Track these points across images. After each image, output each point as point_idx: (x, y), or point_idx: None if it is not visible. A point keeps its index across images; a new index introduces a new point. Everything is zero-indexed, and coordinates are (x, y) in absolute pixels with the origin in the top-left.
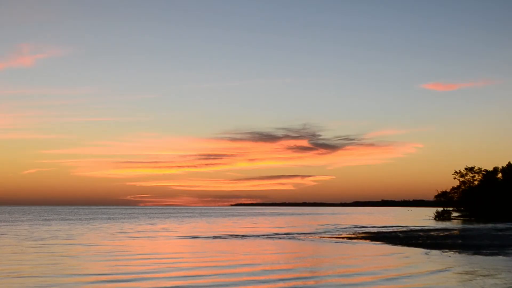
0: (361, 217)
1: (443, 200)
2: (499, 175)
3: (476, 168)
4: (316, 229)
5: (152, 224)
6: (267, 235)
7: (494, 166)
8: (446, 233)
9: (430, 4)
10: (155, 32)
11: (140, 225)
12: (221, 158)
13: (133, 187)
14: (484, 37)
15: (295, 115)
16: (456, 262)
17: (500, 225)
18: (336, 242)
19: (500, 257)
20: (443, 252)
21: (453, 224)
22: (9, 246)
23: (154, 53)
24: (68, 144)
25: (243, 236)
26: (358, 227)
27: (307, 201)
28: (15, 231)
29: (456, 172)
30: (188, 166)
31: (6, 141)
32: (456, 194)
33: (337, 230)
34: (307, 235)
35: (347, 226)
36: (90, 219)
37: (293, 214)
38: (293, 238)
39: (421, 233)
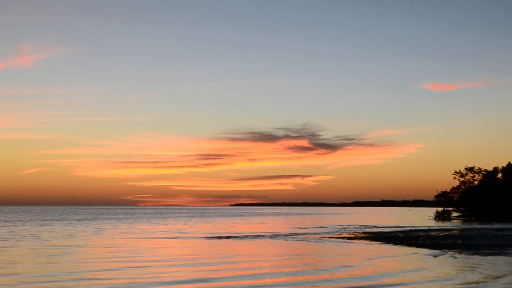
0: (364, 217)
1: (443, 200)
2: (499, 175)
3: (476, 168)
4: (340, 229)
5: (165, 224)
6: (291, 234)
7: (494, 166)
8: (446, 233)
9: (430, 5)
10: (155, 32)
11: (158, 225)
12: (221, 158)
13: (133, 187)
14: (484, 37)
15: (295, 115)
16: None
17: (500, 225)
18: (367, 244)
19: (500, 257)
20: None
21: (453, 224)
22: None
23: (154, 53)
24: (68, 144)
25: (272, 235)
26: (377, 227)
27: (307, 201)
28: (44, 233)
29: (456, 172)
30: (188, 166)
31: (6, 141)
32: (456, 194)
33: (362, 229)
34: (329, 235)
35: (367, 226)
36: (95, 219)
37: (298, 214)
38: (320, 239)
39: (421, 233)
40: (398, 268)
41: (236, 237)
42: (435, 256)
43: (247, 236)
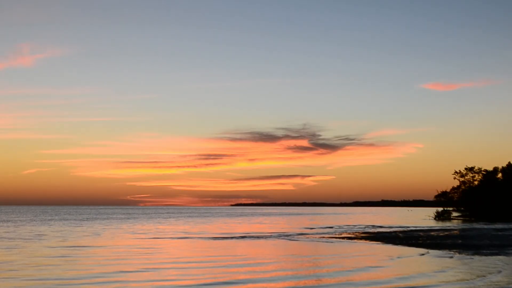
0: (367, 217)
1: (443, 200)
2: (499, 175)
3: (476, 168)
4: (349, 229)
5: (169, 224)
6: (300, 234)
7: (494, 166)
8: (446, 233)
9: (430, 5)
10: (155, 32)
11: (163, 225)
12: (221, 158)
13: (133, 187)
14: (484, 37)
15: (295, 115)
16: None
17: (500, 225)
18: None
19: (500, 257)
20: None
21: (453, 224)
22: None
23: (154, 53)
24: (68, 144)
25: (282, 235)
26: (383, 227)
27: (307, 201)
28: (50, 233)
29: (456, 172)
30: (188, 166)
31: (6, 141)
32: (456, 194)
33: (372, 229)
34: (339, 235)
35: (374, 226)
36: (98, 219)
37: (301, 214)
38: (323, 238)
39: (421, 233)
40: (427, 269)
41: (245, 237)
42: (451, 257)
43: (255, 237)
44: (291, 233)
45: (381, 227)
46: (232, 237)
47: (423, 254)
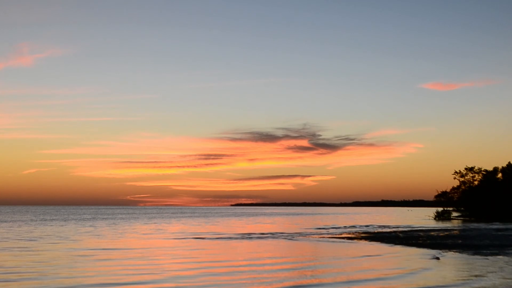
0: (371, 217)
1: (443, 200)
2: (499, 175)
3: (476, 168)
4: (365, 229)
5: (176, 224)
6: (314, 234)
7: (494, 166)
8: (446, 233)
9: (430, 5)
10: (155, 32)
11: (169, 225)
12: (221, 158)
13: (133, 187)
14: (484, 37)
15: (295, 115)
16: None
17: (500, 225)
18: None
19: (500, 257)
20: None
21: (453, 224)
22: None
23: (154, 53)
24: (68, 144)
25: (298, 235)
26: (398, 227)
27: (307, 201)
28: (62, 233)
29: (456, 172)
30: (188, 166)
31: (6, 141)
32: (456, 194)
33: (390, 229)
34: (350, 235)
35: (385, 226)
36: (99, 219)
37: (304, 214)
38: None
39: (421, 233)
40: (485, 271)
41: (264, 237)
42: (486, 258)
43: (273, 237)
44: (307, 233)
45: (397, 227)
46: (252, 237)
47: (442, 256)
